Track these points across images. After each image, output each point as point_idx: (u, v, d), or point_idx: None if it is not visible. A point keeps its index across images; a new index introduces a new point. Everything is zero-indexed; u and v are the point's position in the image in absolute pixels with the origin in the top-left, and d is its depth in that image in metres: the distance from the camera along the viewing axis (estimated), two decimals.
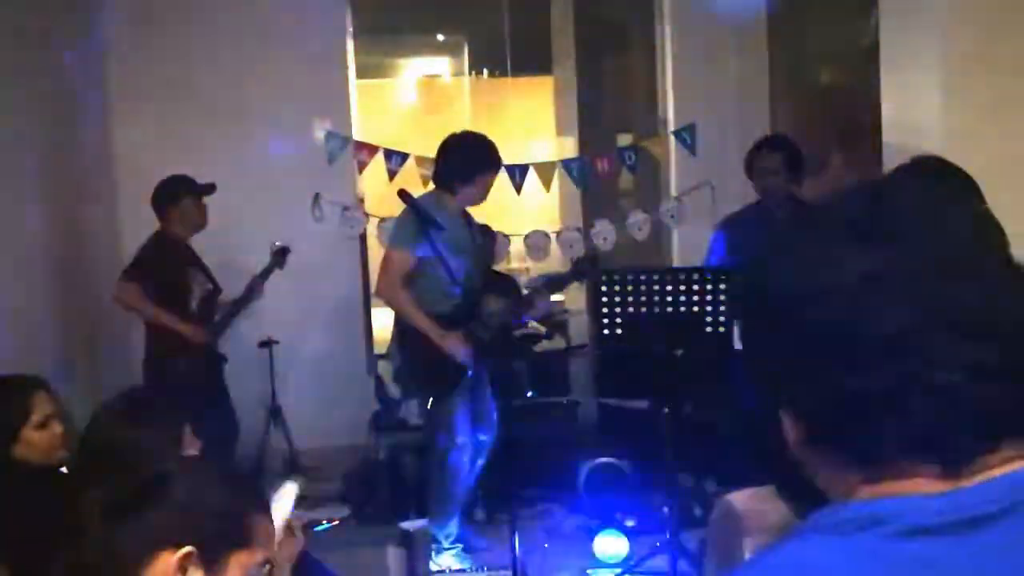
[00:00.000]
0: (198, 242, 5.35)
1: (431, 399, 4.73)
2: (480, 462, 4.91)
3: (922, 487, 0.83)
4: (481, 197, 4.81)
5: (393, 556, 3.84)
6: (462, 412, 4.76)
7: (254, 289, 5.49)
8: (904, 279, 0.84)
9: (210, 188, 5.28)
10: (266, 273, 5.54)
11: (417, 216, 4.61)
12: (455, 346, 4.61)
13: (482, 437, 4.88)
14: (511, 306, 5.03)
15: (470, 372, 4.72)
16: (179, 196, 5.20)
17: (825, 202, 0.94)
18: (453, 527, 4.85)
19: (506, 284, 5.83)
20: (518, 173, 6.33)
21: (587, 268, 5.16)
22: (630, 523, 5.05)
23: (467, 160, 4.71)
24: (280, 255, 5.60)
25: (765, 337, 0.93)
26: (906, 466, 0.84)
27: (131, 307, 5.20)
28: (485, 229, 6.00)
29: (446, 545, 4.84)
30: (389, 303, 4.81)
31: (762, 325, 0.93)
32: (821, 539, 0.84)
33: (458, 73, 9.39)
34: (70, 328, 5.41)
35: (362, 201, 6.64)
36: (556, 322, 6.62)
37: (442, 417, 4.73)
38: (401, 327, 4.79)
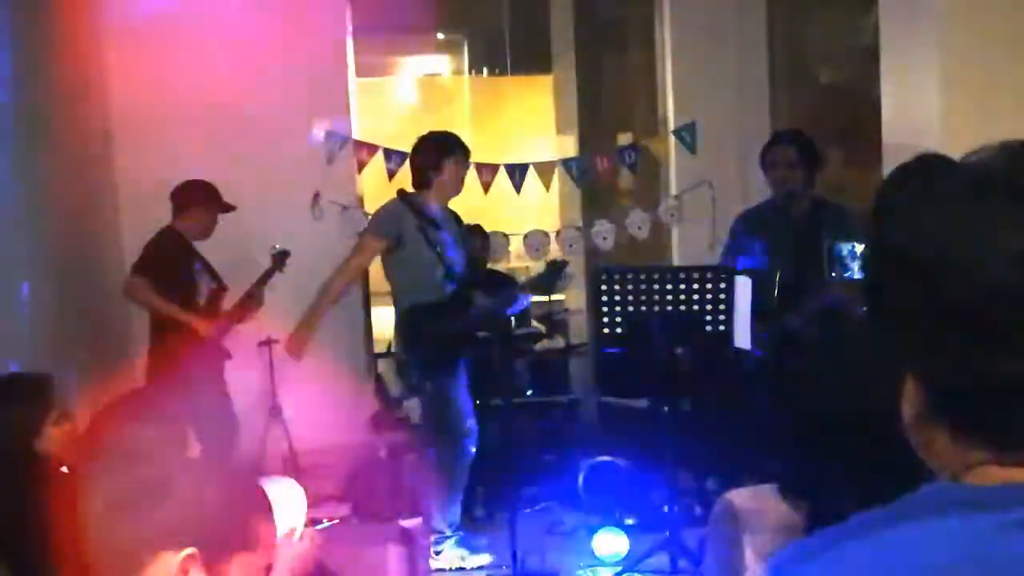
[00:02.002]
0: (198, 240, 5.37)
1: (431, 384, 4.80)
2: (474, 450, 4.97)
3: None
4: (455, 187, 4.94)
5: (393, 554, 3.84)
6: (465, 397, 4.85)
7: (253, 296, 5.51)
8: None
9: (230, 208, 5.34)
10: (265, 278, 5.55)
11: (411, 211, 4.71)
12: (296, 342, 4.91)
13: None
14: (498, 301, 5.14)
15: (463, 359, 4.86)
16: (205, 203, 5.25)
17: (989, 164, 0.85)
18: (455, 515, 4.90)
19: (503, 282, 5.86)
20: (518, 172, 6.33)
21: (556, 270, 5.27)
22: (630, 521, 5.06)
23: (435, 150, 4.89)
24: (280, 259, 5.62)
25: (906, 296, 0.84)
26: None
27: (141, 301, 5.23)
28: (478, 229, 6.02)
29: (448, 533, 4.87)
30: (331, 280, 4.94)
31: (905, 284, 0.84)
32: (954, 517, 0.79)
33: (458, 72, 9.38)
34: (73, 327, 5.41)
35: (361, 200, 6.64)
36: (556, 320, 6.63)
37: (446, 403, 4.79)
38: (399, 318, 4.87)
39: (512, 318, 6.01)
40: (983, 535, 0.77)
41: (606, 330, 4.47)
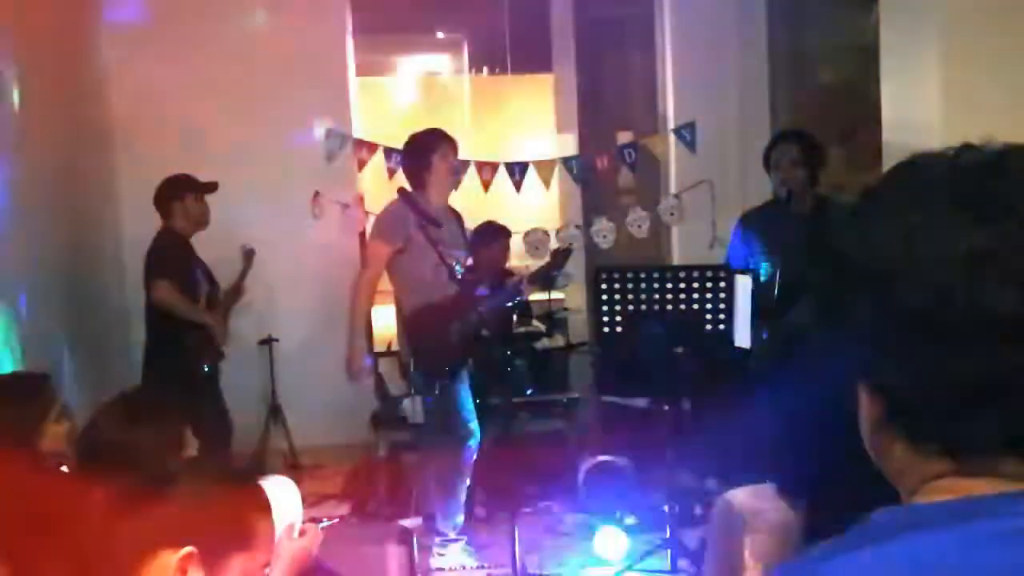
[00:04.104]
0: (198, 239, 5.36)
1: (439, 385, 4.79)
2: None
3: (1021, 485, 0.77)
4: (450, 182, 4.94)
5: (393, 554, 3.84)
6: (469, 398, 4.83)
7: (239, 292, 5.56)
8: (1019, 258, 0.77)
9: (212, 187, 5.31)
10: (242, 276, 5.69)
11: (412, 212, 4.71)
12: (354, 366, 4.87)
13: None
14: (501, 296, 5.13)
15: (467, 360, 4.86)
16: (182, 194, 5.23)
17: (931, 167, 0.84)
18: (459, 517, 4.90)
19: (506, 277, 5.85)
20: (518, 171, 6.33)
21: (561, 259, 5.22)
22: (630, 521, 5.06)
23: (421, 148, 4.87)
24: (247, 257, 5.78)
25: (855, 304, 0.83)
26: (1004, 463, 0.78)
27: (173, 305, 5.12)
28: (504, 230, 6.02)
29: (452, 536, 4.87)
30: (352, 294, 4.90)
31: (852, 291, 0.84)
32: (907, 539, 0.77)
33: (458, 71, 9.37)
34: (72, 328, 5.41)
35: (362, 199, 6.64)
36: (556, 319, 6.62)
37: (452, 404, 4.79)
38: (404, 320, 4.86)
39: (514, 315, 6.01)
40: (940, 554, 0.75)
41: (606, 329, 4.47)
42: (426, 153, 4.83)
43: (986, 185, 0.80)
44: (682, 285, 4.40)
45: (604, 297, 4.43)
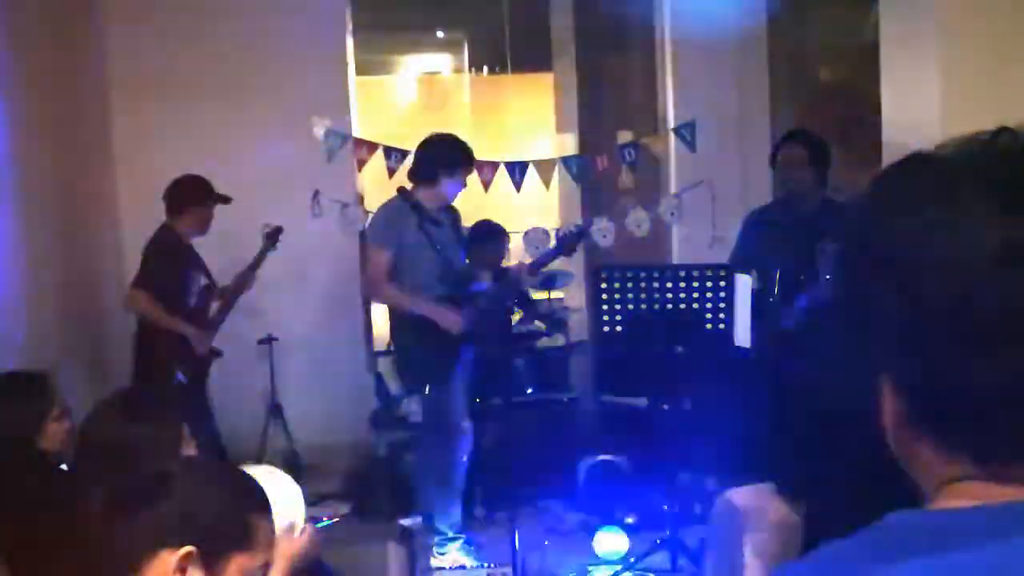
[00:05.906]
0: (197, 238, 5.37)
1: (430, 386, 4.78)
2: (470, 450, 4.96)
3: None
4: (455, 192, 4.93)
5: (394, 553, 3.84)
6: (461, 397, 4.82)
7: (245, 279, 5.50)
8: None
9: (226, 199, 5.32)
10: (259, 260, 5.54)
11: (412, 210, 4.70)
12: (453, 319, 4.71)
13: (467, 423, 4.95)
14: (500, 288, 5.12)
15: (461, 358, 4.81)
16: (199, 200, 5.22)
17: (959, 157, 0.80)
18: (457, 516, 4.90)
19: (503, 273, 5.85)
20: (518, 170, 6.32)
21: (573, 241, 5.20)
22: (630, 520, 5.06)
23: (457, 152, 4.86)
24: (272, 236, 5.61)
25: (877, 299, 0.79)
26: None
27: (142, 313, 5.19)
28: (500, 230, 6.03)
29: (451, 535, 4.87)
30: (376, 299, 4.91)
31: (875, 286, 0.79)
32: (928, 555, 0.73)
33: (458, 70, 9.38)
34: (71, 327, 5.41)
35: (362, 198, 6.64)
36: (556, 319, 6.62)
37: (444, 403, 4.78)
38: (394, 320, 4.86)
39: (513, 315, 6.01)
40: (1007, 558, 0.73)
41: (606, 328, 4.47)
42: (456, 164, 4.82)
43: (1017, 178, 0.77)
44: (682, 284, 4.40)
45: (604, 296, 4.44)
